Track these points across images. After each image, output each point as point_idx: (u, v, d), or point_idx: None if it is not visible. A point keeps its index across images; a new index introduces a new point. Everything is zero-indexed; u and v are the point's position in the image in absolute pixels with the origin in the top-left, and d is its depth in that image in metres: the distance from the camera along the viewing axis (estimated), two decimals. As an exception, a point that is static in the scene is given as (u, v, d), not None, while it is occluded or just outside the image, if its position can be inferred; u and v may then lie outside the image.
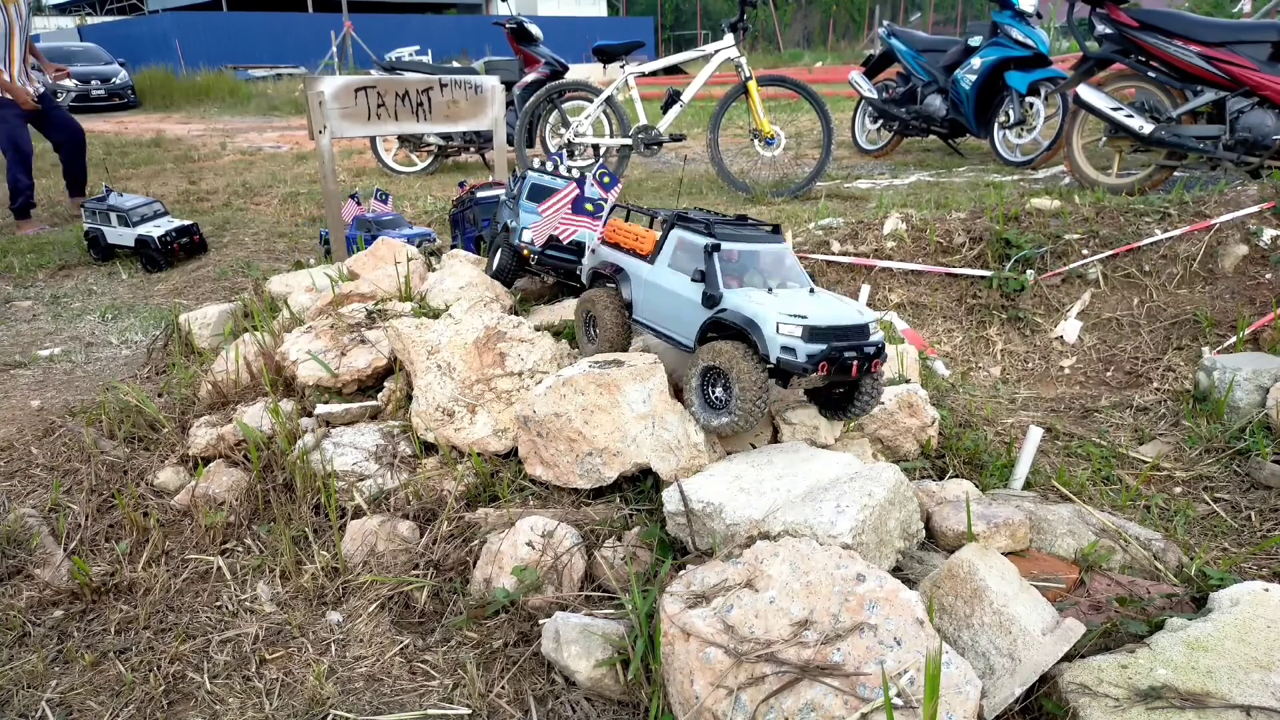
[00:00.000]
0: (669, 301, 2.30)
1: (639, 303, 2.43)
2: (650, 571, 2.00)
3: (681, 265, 2.29)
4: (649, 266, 2.39)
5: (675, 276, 2.30)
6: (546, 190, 3.24)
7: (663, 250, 2.36)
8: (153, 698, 1.85)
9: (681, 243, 2.30)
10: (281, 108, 16.49)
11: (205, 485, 2.53)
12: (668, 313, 2.32)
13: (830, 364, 2.00)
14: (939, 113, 6.79)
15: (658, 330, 2.37)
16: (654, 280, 2.36)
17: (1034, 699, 1.65)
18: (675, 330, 2.30)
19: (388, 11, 30.07)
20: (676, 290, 2.28)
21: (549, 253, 3.08)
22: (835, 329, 2.03)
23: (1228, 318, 3.37)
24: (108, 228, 5.42)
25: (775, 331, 2.00)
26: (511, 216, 3.21)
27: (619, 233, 2.58)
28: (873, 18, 28.88)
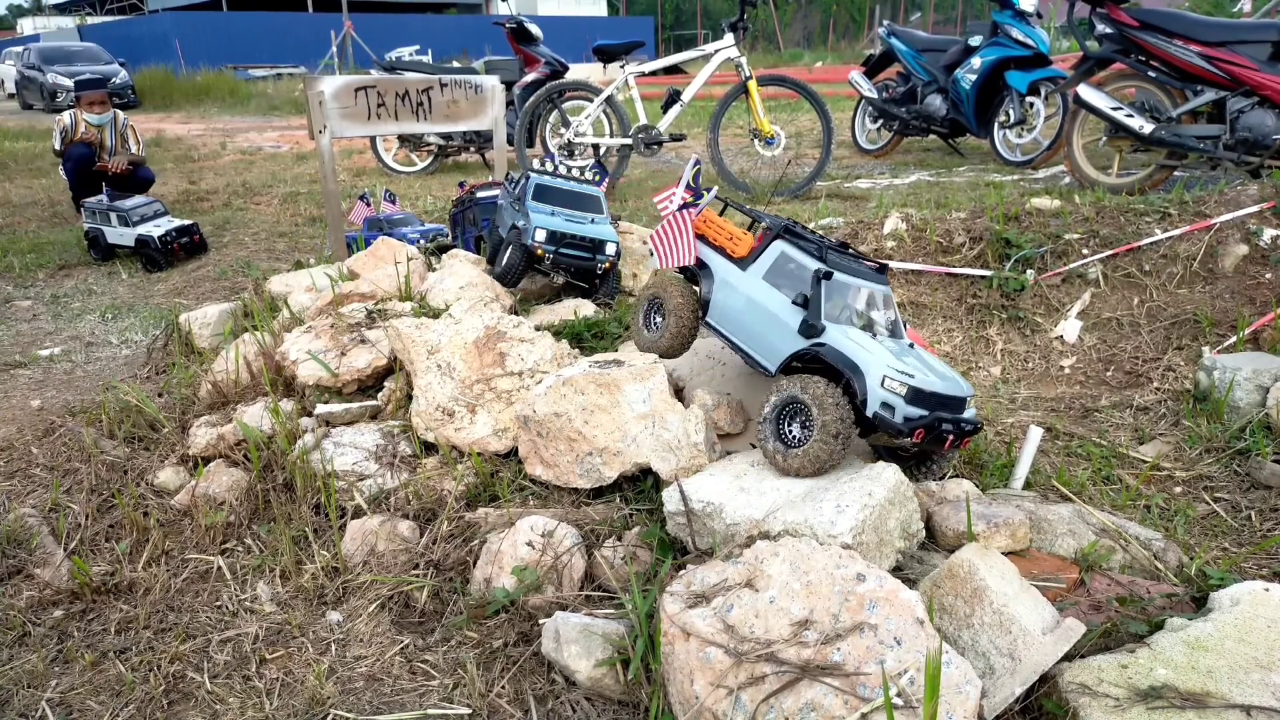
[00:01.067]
0: (756, 316, 2.15)
1: (718, 306, 2.27)
2: (650, 571, 2.00)
3: (779, 281, 2.13)
4: (739, 271, 2.23)
5: (769, 291, 2.13)
6: (552, 190, 3.23)
7: (759, 259, 2.19)
8: (153, 697, 1.85)
9: (785, 258, 2.14)
10: (281, 107, 16.49)
11: (205, 485, 2.53)
12: (750, 327, 2.16)
13: (927, 432, 1.87)
14: (939, 112, 6.79)
15: (732, 341, 2.22)
16: (743, 288, 2.19)
17: (1034, 699, 1.65)
18: (753, 347, 2.15)
19: (388, 11, 30.08)
20: (767, 307, 2.12)
21: (563, 251, 3.06)
22: (938, 396, 1.91)
23: (1228, 318, 3.37)
24: (108, 227, 5.42)
25: (879, 385, 1.86)
26: (519, 217, 3.17)
27: (710, 225, 2.40)
28: (873, 18, 28.87)
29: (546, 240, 3.07)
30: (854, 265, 2.12)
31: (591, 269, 3.16)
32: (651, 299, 2.46)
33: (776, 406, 2.00)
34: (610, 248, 3.15)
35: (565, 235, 3.08)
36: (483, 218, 3.87)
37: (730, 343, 2.24)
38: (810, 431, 1.91)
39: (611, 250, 3.15)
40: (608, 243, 3.15)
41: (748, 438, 2.46)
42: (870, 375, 1.88)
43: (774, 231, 2.20)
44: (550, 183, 3.27)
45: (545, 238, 3.06)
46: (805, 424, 1.94)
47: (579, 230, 3.11)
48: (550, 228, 3.06)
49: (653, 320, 2.48)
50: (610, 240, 3.16)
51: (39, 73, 18.37)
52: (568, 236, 3.09)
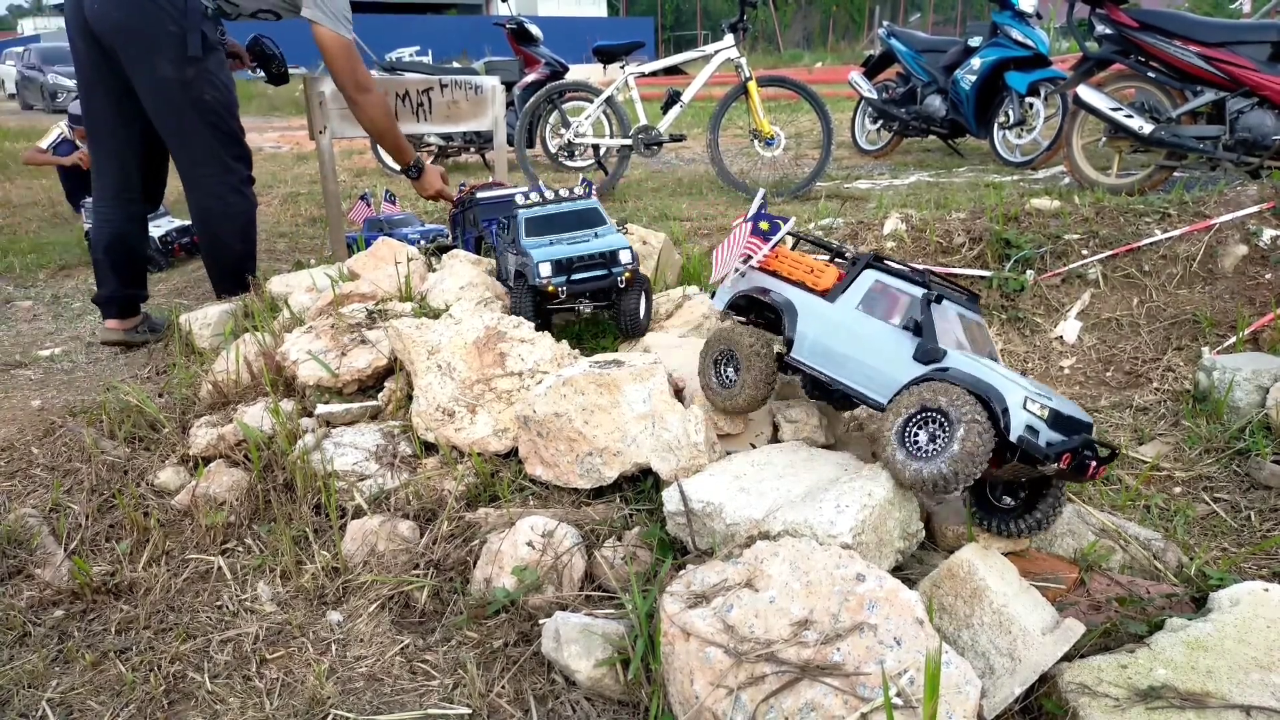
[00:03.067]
0: (856, 348, 2.04)
1: (807, 342, 2.14)
2: (650, 571, 2.00)
3: (876, 310, 2.04)
4: (826, 304, 2.13)
5: (867, 321, 2.04)
6: (543, 220, 3.02)
7: (850, 289, 2.10)
8: (153, 697, 1.85)
9: (881, 287, 2.06)
10: (282, 108, 16.49)
11: (205, 485, 2.54)
12: (851, 360, 2.05)
13: (1073, 457, 1.76)
14: (939, 113, 6.79)
15: (831, 377, 2.09)
16: (836, 321, 2.09)
17: (1034, 699, 1.65)
18: (859, 380, 2.03)
19: (388, 12, 30.08)
20: (869, 336, 2.02)
21: (576, 278, 2.84)
22: (1075, 420, 1.83)
23: (1228, 318, 3.38)
24: None
25: (1022, 407, 1.75)
26: (519, 260, 2.97)
27: (784, 261, 2.29)
28: (873, 18, 28.89)
29: (553, 273, 2.83)
30: (952, 293, 2.08)
31: (612, 285, 2.90)
32: (721, 351, 2.29)
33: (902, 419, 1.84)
34: (625, 255, 2.90)
35: (572, 260, 2.85)
36: (483, 218, 3.87)
37: (824, 379, 2.10)
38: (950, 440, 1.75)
39: (627, 258, 2.90)
40: (620, 250, 2.90)
41: (748, 438, 2.46)
42: (1011, 397, 1.75)
43: (863, 260, 2.13)
44: (538, 213, 3.05)
45: (551, 270, 2.82)
46: (935, 435, 1.80)
47: (584, 249, 2.89)
48: (553, 258, 2.83)
49: (724, 373, 2.30)
50: (622, 248, 2.90)
51: (39, 73, 18.39)
52: (575, 260, 2.85)
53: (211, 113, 3.68)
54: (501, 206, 3.93)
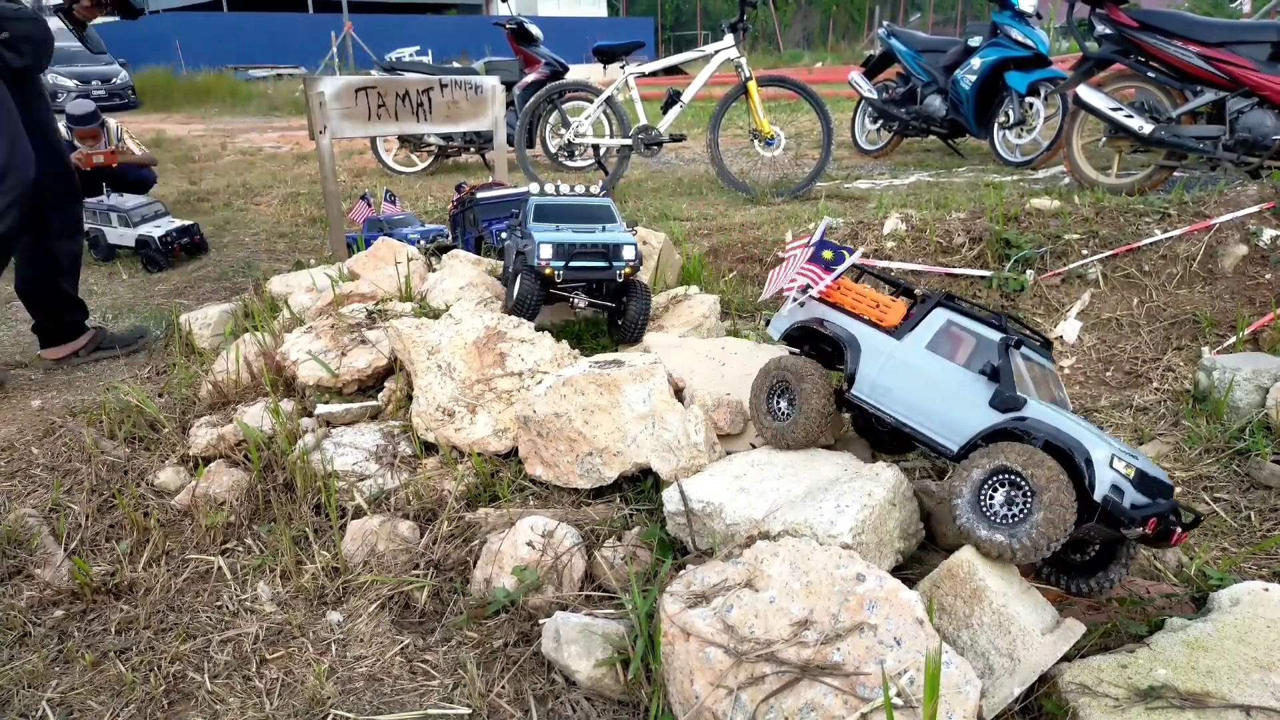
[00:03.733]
0: (925, 390, 1.96)
1: (871, 380, 2.06)
2: (650, 571, 2.00)
3: (947, 352, 1.97)
4: (893, 341, 2.06)
5: (938, 362, 1.96)
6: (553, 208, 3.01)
7: (919, 328, 2.03)
8: (153, 698, 1.85)
9: (953, 327, 1.99)
10: (282, 108, 16.49)
11: (205, 485, 2.54)
12: (919, 402, 1.97)
13: (1158, 522, 1.67)
14: (939, 113, 6.79)
15: (895, 417, 2.01)
16: (904, 360, 2.02)
17: (1034, 699, 1.65)
18: (926, 423, 1.95)
19: (388, 12, 30.08)
20: (940, 379, 1.94)
21: (574, 264, 2.80)
22: (1159, 483, 1.74)
23: (1227, 318, 3.38)
24: (108, 228, 5.42)
25: (1108, 464, 1.66)
26: (522, 242, 2.97)
27: (848, 293, 2.22)
28: (873, 18, 28.89)
29: (553, 255, 2.79)
30: (1027, 339, 2.01)
31: (610, 279, 2.87)
32: (777, 383, 2.21)
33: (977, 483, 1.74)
34: (628, 251, 2.85)
35: (574, 246, 2.82)
36: (483, 218, 3.87)
37: (888, 419, 2.02)
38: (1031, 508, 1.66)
39: (630, 254, 2.85)
40: (624, 246, 2.85)
41: (748, 438, 2.46)
42: (1097, 453, 1.66)
43: (934, 299, 2.06)
44: (550, 201, 3.04)
45: (551, 253, 2.79)
46: (1012, 498, 1.71)
47: (587, 238, 2.86)
48: (554, 241, 2.81)
49: (776, 405, 2.23)
50: (627, 243, 2.86)
51: (39, 73, 18.35)
52: (576, 246, 2.82)
53: None
54: (501, 206, 3.93)
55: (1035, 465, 1.66)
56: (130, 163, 6.56)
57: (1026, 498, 1.67)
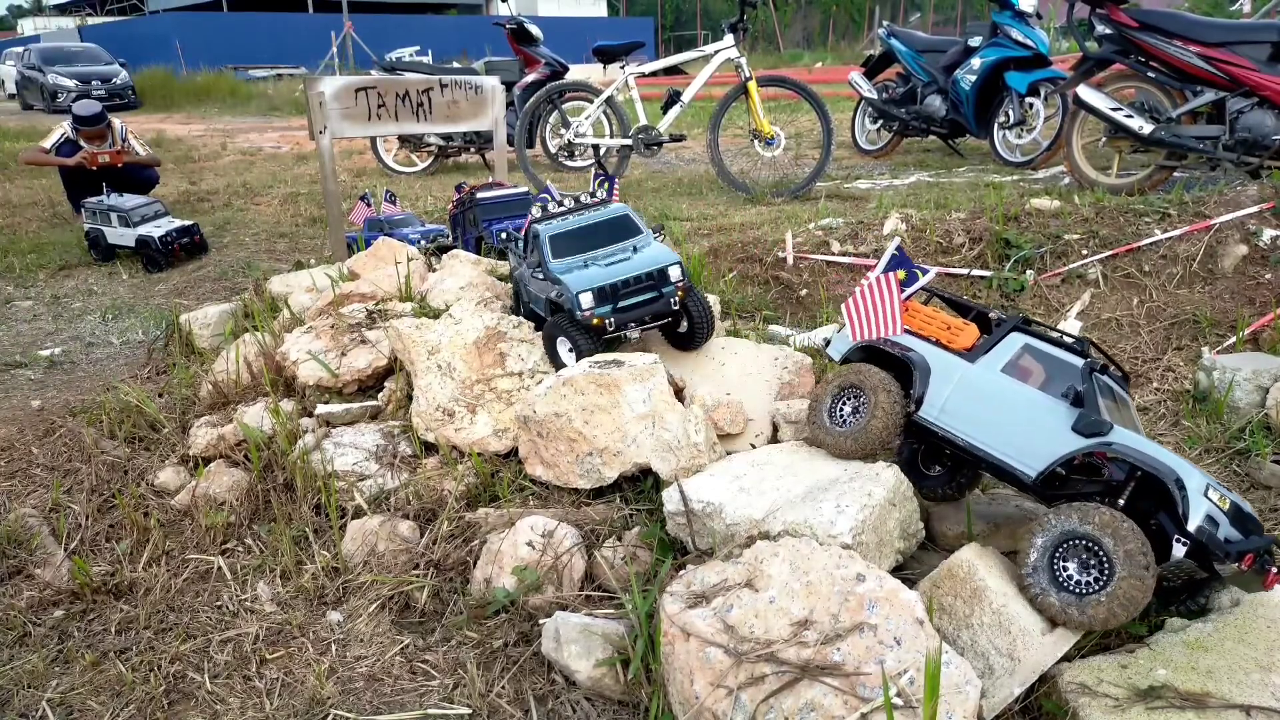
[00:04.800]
0: (1003, 414, 1.88)
1: (942, 402, 1.98)
2: (650, 571, 2.00)
3: (1024, 376, 1.91)
4: (966, 364, 1.99)
5: (1015, 387, 1.90)
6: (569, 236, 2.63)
7: (994, 351, 1.97)
8: (153, 697, 1.85)
9: (1030, 351, 1.95)
10: (282, 108, 16.49)
11: (206, 485, 2.54)
12: (995, 426, 1.89)
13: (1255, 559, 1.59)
14: (939, 113, 6.78)
15: (969, 441, 1.92)
16: (978, 383, 1.94)
17: (1034, 699, 1.65)
18: (1001, 448, 1.87)
19: (388, 12, 30.08)
20: (1018, 403, 1.87)
21: (622, 305, 2.46)
22: (1253, 519, 1.66)
23: (1227, 318, 3.38)
24: (108, 228, 5.42)
25: (1203, 494, 1.57)
26: (549, 288, 2.58)
27: (918, 315, 2.16)
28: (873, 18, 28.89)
29: (596, 303, 2.43)
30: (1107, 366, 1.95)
31: (666, 308, 2.53)
32: (846, 388, 2.11)
33: (1048, 548, 1.67)
34: (674, 271, 2.52)
35: (616, 286, 2.46)
36: (483, 218, 3.87)
37: (960, 442, 1.94)
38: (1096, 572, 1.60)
39: (677, 274, 2.53)
40: (669, 266, 2.52)
41: (748, 438, 2.46)
42: (1191, 481, 1.58)
43: (1010, 323, 2.01)
44: (563, 228, 2.63)
45: (594, 300, 2.43)
46: (1087, 564, 1.63)
47: (627, 270, 2.50)
48: (593, 285, 2.44)
49: (839, 412, 2.12)
50: (671, 262, 2.53)
51: (39, 73, 18.38)
52: (620, 285, 2.47)
53: None
54: (501, 206, 3.93)
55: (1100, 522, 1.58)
56: (135, 163, 6.57)
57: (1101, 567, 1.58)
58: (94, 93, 17.48)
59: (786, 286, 3.87)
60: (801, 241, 4.08)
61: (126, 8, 37.42)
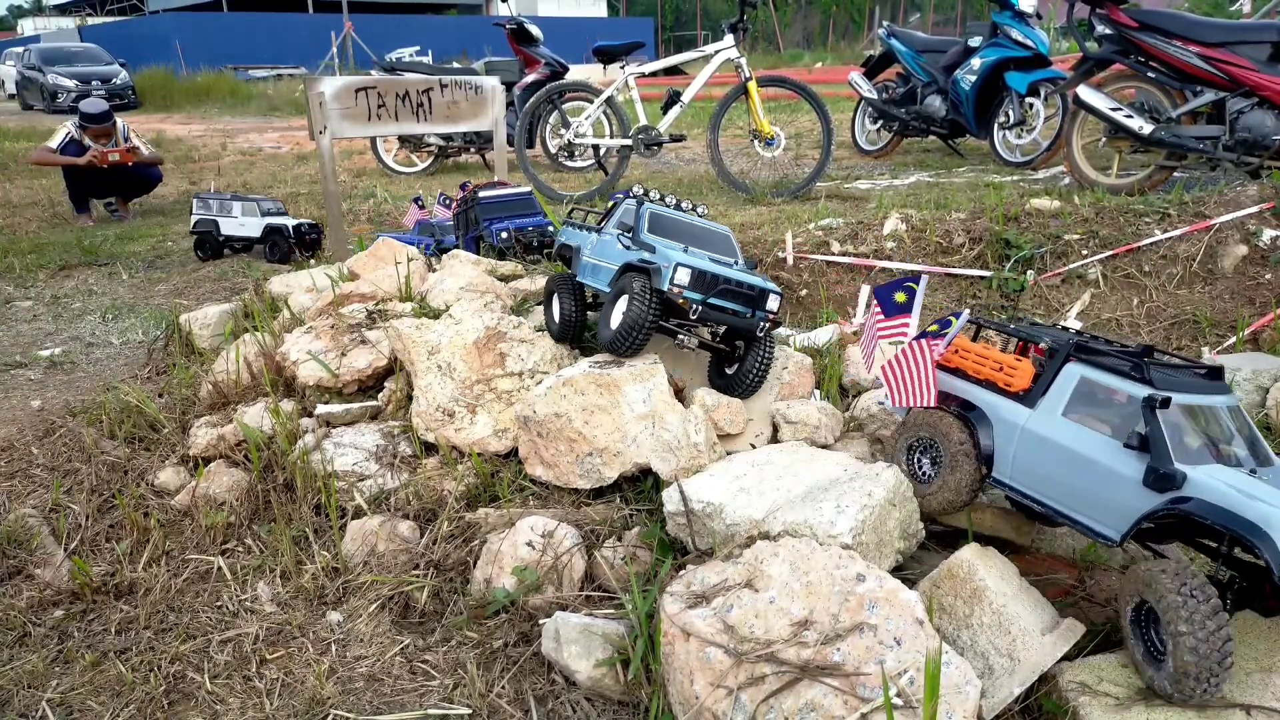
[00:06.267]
0: (1070, 469, 1.67)
1: (1007, 460, 1.79)
2: (650, 571, 2.00)
3: (1089, 417, 1.69)
4: (1024, 410, 1.77)
5: (1079, 433, 1.67)
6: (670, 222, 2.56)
7: (1051, 391, 1.74)
8: (153, 698, 1.85)
9: (1088, 385, 1.70)
10: (282, 108, 16.49)
11: (206, 485, 2.54)
12: (1066, 484, 1.69)
13: None
14: (939, 113, 6.78)
15: (1044, 503, 1.74)
16: (1040, 433, 1.73)
17: (1034, 699, 1.65)
18: (1078, 510, 1.68)
19: (388, 12, 30.09)
20: (1084, 454, 1.65)
21: (714, 301, 2.32)
22: None
23: (1228, 318, 3.38)
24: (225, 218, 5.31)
25: None
26: (629, 254, 2.44)
27: (970, 356, 1.95)
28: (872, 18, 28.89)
29: (691, 285, 2.27)
30: (1186, 378, 1.67)
31: (751, 328, 2.39)
32: (919, 438, 1.98)
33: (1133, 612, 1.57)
34: (773, 301, 2.38)
35: (717, 279, 2.31)
36: (484, 218, 3.87)
37: (1037, 505, 1.75)
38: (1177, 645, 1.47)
39: (775, 305, 2.39)
40: (771, 294, 2.38)
41: (747, 438, 2.46)
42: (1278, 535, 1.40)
43: (1062, 352, 1.75)
44: (667, 213, 2.55)
45: (690, 280, 2.26)
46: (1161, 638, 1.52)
47: (733, 273, 2.36)
48: (696, 267, 2.28)
49: (917, 462, 1.99)
50: (774, 291, 2.39)
51: (39, 73, 18.40)
52: (720, 281, 2.31)
53: None
54: (503, 206, 3.93)
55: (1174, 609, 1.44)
56: (140, 161, 6.59)
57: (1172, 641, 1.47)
58: (94, 93, 17.48)
59: (786, 287, 3.87)
60: (801, 242, 4.08)
61: (126, 8, 37.42)
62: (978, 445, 1.83)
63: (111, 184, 6.71)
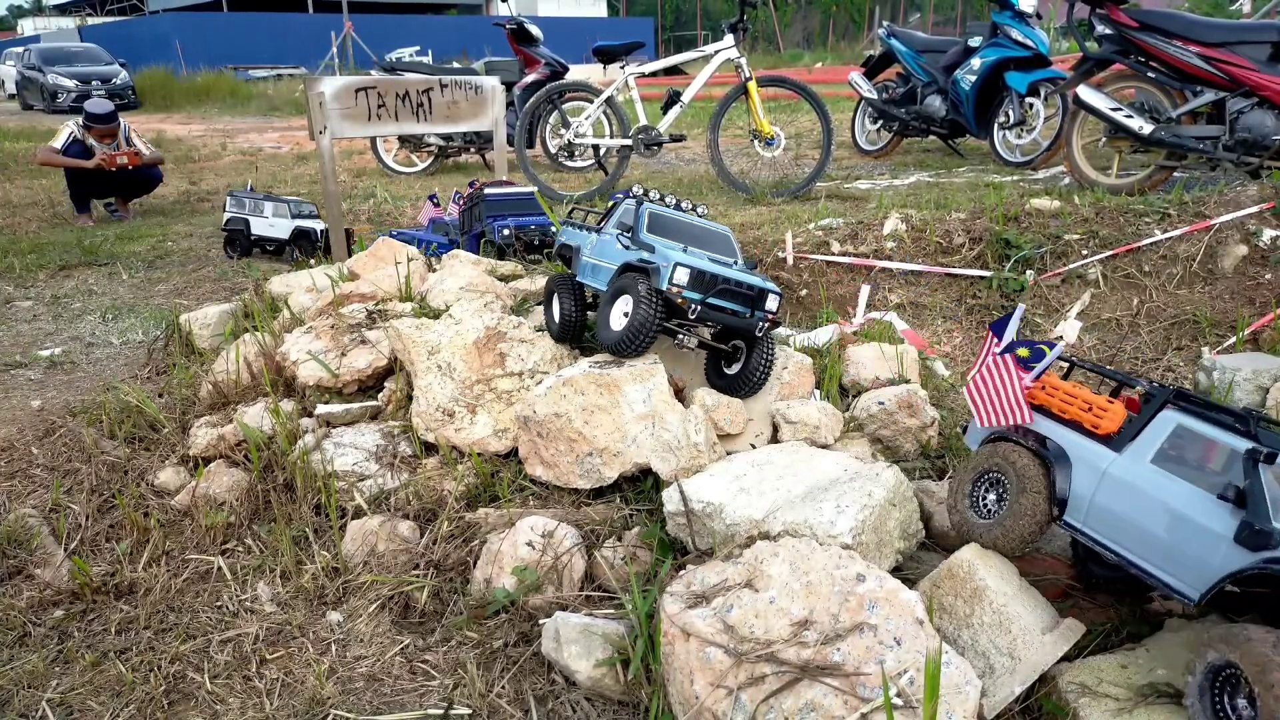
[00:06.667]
0: (1153, 519, 1.59)
1: (1085, 504, 1.71)
2: (650, 571, 2.00)
3: (1180, 466, 1.60)
4: (1110, 454, 1.70)
5: (1168, 482, 1.59)
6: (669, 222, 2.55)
7: (1143, 436, 1.67)
8: (153, 698, 1.85)
9: (1185, 434, 1.62)
10: (282, 108, 16.49)
11: (206, 485, 2.54)
12: (1146, 534, 1.60)
13: None
14: (939, 113, 6.78)
15: (1118, 553, 1.65)
16: (1125, 479, 1.65)
17: (1034, 699, 1.65)
18: (1157, 563, 1.58)
19: (388, 12, 30.09)
20: (1171, 504, 1.56)
21: (713, 301, 2.31)
22: None
23: (1228, 318, 3.38)
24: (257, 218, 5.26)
25: None
26: (629, 253, 2.43)
27: (1055, 394, 1.87)
28: (872, 18, 28.89)
29: (690, 284, 2.26)
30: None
31: (750, 328, 2.39)
32: (984, 472, 1.88)
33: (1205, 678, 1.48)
34: (772, 301, 2.38)
35: (716, 279, 2.30)
36: (487, 214, 3.89)
37: (1108, 556, 1.67)
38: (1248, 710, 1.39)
39: (774, 305, 2.38)
40: (769, 294, 2.38)
41: (747, 438, 2.46)
42: None
43: (1160, 398, 1.69)
44: (666, 212, 2.55)
45: (689, 280, 2.25)
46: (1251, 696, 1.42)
47: (731, 273, 2.36)
48: (695, 266, 2.28)
49: (982, 499, 1.88)
50: (773, 291, 2.39)
51: (39, 73, 18.40)
52: (719, 280, 2.30)
53: None
54: (507, 204, 3.94)
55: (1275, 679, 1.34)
56: (144, 162, 6.61)
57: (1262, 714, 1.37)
58: (94, 93, 17.48)
59: (786, 287, 3.87)
60: (801, 242, 4.08)
61: (126, 8, 37.42)
62: (1052, 486, 1.75)
63: (114, 184, 6.72)
